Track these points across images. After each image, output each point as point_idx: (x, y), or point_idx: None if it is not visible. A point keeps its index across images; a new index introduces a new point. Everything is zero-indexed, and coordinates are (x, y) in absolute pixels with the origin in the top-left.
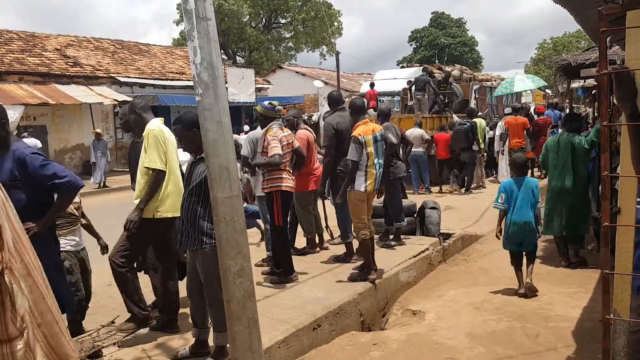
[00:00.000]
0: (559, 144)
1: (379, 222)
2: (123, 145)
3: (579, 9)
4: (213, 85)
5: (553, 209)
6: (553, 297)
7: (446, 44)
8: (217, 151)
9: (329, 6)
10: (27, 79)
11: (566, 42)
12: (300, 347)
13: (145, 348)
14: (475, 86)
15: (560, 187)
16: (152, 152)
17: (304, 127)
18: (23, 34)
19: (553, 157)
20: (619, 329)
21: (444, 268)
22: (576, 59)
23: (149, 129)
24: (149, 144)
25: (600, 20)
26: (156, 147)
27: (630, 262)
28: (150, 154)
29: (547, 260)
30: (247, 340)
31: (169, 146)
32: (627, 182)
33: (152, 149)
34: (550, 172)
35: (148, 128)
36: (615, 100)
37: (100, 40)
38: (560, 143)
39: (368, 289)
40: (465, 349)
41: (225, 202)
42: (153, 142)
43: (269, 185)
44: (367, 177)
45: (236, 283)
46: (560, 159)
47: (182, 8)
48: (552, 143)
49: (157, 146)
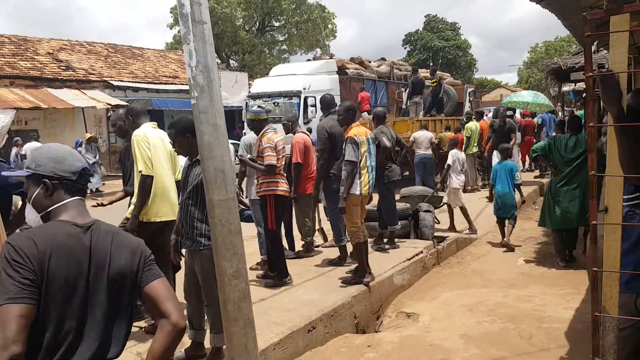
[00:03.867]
0: (566, 144)
1: (373, 225)
2: (116, 150)
3: (565, 13)
4: (208, 88)
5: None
6: (546, 298)
7: (440, 47)
8: (213, 154)
9: (322, 9)
10: (18, 83)
11: (558, 46)
12: (295, 349)
13: (140, 351)
14: (469, 89)
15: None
16: (138, 158)
17: (300, 131)
18: (15, 38)
19: (560, 156)
20: (608, 326)
21: (438, 271)
22: (566, 63)
23: (134, 135)
24: (134, 150)
25: (585, 24)
26: (140, 152)
27: (618, 260)
28: (137, 159)
29: (541, 262)
30: (242, 341)
31: (156, 151)
32: (613, 182)
33: (137, 155)
34: (561, 170)
35: (133, 134)
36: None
37: (93, 44)
38: (568, 143)
39: (362, 292)
40: (459, 350)
41: (221, 205)
42: (137, 148)
43: (264, 189)
44: (361, 180)
45: (232, 284)
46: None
47: (178, 12)
48: (560, 143)
49: (140, 152)
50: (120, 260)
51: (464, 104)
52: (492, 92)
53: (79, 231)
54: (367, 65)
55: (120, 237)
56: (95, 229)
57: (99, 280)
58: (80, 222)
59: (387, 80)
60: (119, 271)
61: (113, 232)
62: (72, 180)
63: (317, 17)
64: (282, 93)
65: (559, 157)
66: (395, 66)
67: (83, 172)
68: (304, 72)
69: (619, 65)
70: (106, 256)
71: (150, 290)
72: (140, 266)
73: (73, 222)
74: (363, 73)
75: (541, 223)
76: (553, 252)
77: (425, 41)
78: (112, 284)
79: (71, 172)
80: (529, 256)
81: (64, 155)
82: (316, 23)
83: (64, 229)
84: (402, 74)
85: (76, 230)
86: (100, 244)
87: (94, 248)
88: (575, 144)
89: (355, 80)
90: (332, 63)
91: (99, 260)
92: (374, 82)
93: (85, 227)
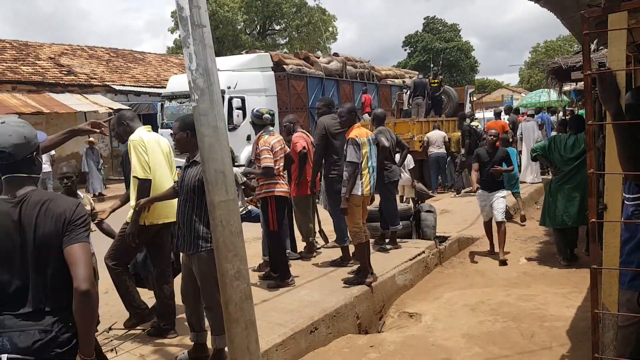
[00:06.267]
0: (566, 144)
1: (374, 226)
2: (118, 154)
3: (564, 12)
4: (209, 91)
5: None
6: (548, 297)
7: (441, 49)
8: (214, 155)
9: (323, 12)
10: (20, 88)
11: (557, 46)
12: (297, 350)
13: (143, 353)
14: (470, 89)
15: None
16: (135, 162)
17: (300, 131)
18: (16, 43)
19: (559, 155)
20: (608, 323)
21: (440, 271)
22: (567, 62)
23: (130, 140)
24: (131, 154)
25: (583, 23)
26: (137, 156)
27: (617, 258)
28: (133, 164)
29: (542, 261)
30: (244, 342)
31: (154, 154)
32: (613, 179)
33: (134, 159)
34: (561, 169)
35: (129, 139)
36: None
37: (94, 49)
38: (567, 143)
39: (365, 292)
40: (462, 349)
41: (221, 206)
42: (133, 152)
43: (264, 190)
44: (363, 180)
45: (233, 286)
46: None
47: (178, 15)
48: (559, 143)
49: (137, 156)
50: (45, 227)
51: (465, 105)
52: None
53: (9, 207)
54: (314, 61)
55: (49, 205)
56: (25, 201)
57: (28, 247)
58: (10, 198)
59: (337, 79)
60: (44, 237)
61: (42, 201)
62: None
63: (317, 20)
64: None
65: (558, 156)
66: (349, 63)
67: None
68: (229, 67)
69: (617, 63)
70: (31, 225)
71: (66, 253)
72: (63, 230)
73: (3, 198)
74: (307, 70)
75: (542, 222)
76: (554, 252)
77: (425, 43)
78: (39, 249)
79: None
80: (530, 255)
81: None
82: (317, 26)
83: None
84: (358, 71)
85: (6, 207)
86: (28, 214)
87: (22, 220)
88: (574, 143)
89: (295, 78)
90: (266, 57)
91: (25, 230)
92: (320, 80)
93: (15, 202)
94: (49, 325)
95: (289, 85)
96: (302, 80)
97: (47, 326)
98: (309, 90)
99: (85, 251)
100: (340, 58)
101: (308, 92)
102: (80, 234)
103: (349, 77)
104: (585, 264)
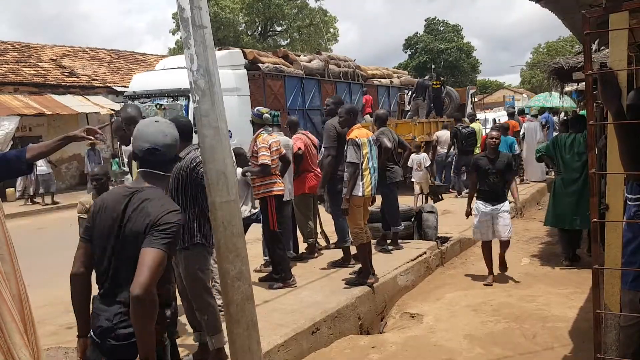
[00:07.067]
0: (565, 143)
1: (376, 226)
2: None
3: (565, 12)
4: (210, 92)
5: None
6: (550, 298)
7: (441, 49)
8: (215, 157)
9: (324, 13)
10: (22, 90)
11: (558, 46)
12: (299, 350)
13: None
14: (471, 90)
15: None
16: None
17: (300, 132)
18: (18, 45)
19: (561, 155)
20: (610, 324)
21: (442, 271)
22: (568, 62)
23: None
24: None
25: (584, 23)
26: None
27: (619, 258)
28: None
29: (544, 262)
30: (246, 342)
31: None
32: (614, 179)
33: None
34: (565, 169)
35: None
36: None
37: (96, 50)
38: (568, 142)
39: (366, 293)
40: (464, 350)
41: (223, 207)
42: None
43: (262, 190)
44: (364, 181)
45: (235, 286)
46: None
47: (179, 16)
48: (561, 143)
49: None
50: (135, 223)
51: (466, 106)
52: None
53: (122, 195)
54: (293, 59)
55: (147, 204)
56: (136, 194)
57: (120, 235)
58: (131, 187)
59: (319, 78)
60: (131, 232)
61: (145, 198)
62: (139, 156)
63: (319, 22)
64: (165, 92)
65: (560, 156)
66: (332, 62)
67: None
68: None
69: (618, 63)
70: (127, 217)
71: (140, 254)
72: (145, 231)
73: (127, 186)
74: (285, 68)
75: (546, 222)
76: (557, 252)
77: (425, 43)
78: (124, 241)
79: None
80: (532, 256)
81: (136, 136)
82: (318, 27)
83: (115, 191)
84: (342, 70)
85: (123, 193)
86: (130, 207)
87: (125, 209)
88: (574, 143)
89: (272, 77)
90: (238, 54)
91: (124, 219)
92: (300, 79)
93: (130, 193)
94: (113, 315)
95: (265, 85)
96: (279, 80)
97: (111, 315)
98: (286, 91)
99: (154, 257)
100: (322, 57)
101: (286, 92)
102: (157, 240)
103: (332, 77)
104: (587, 265)
